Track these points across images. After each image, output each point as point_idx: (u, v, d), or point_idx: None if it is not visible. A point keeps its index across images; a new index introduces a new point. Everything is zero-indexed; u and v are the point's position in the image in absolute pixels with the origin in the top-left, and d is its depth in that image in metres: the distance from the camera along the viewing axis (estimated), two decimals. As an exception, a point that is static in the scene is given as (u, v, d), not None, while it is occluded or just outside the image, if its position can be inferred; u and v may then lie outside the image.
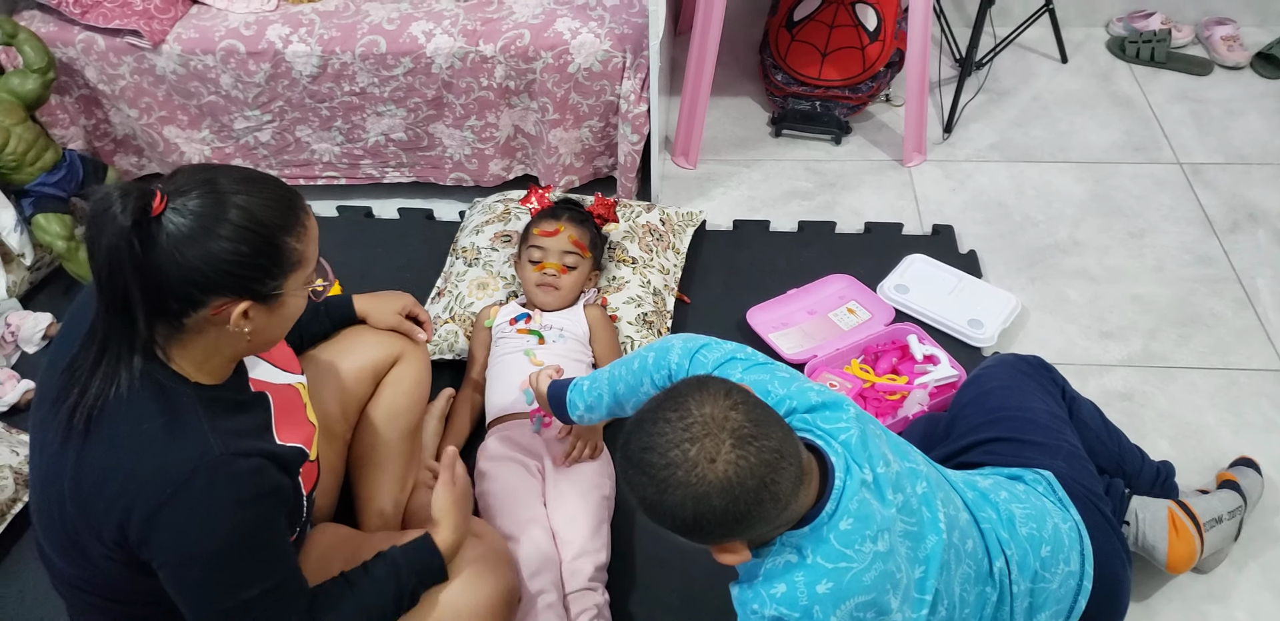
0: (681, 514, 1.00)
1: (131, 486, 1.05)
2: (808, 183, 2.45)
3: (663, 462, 0.99)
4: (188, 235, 1.02)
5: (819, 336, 2.00)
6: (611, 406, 1.44)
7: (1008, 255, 2.22)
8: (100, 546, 1.09)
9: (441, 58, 2.09)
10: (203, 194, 1.04)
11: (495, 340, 1.87)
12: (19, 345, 2.09)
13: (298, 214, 1.10)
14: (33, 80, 2.06)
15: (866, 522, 1.09)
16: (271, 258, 1.08)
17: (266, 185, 1.09)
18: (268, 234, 1.06)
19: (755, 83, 2.75)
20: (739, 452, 0.98)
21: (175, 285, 1.04)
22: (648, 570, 1.65)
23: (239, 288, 1.07)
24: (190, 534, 1.06)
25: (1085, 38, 2.86)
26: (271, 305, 1.11)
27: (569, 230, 1.88)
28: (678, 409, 1.01)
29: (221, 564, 1.08)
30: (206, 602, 1.11)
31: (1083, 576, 1.31)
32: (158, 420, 1.08)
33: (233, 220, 1.04)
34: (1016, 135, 2.56)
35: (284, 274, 1.10)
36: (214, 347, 1.13)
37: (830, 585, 1.06)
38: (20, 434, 1.88)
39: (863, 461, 1.13)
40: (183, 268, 1.03)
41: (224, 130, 2.29)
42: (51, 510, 1.13)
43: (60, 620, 1.61)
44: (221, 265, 1.04)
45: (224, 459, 1.07)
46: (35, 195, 2.06)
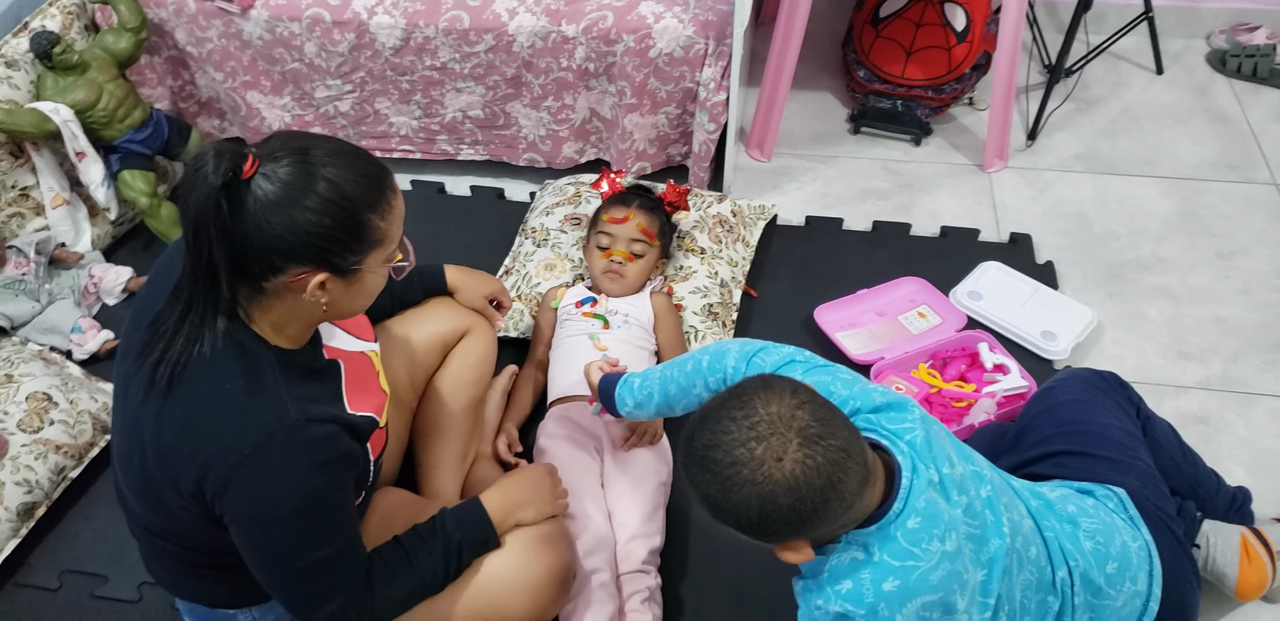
0: (746, 512, 1.00)
1: (210, 445, 1.08)
2: (884, 182, 2.41)
3: (728, 461, 0.99)
4: (274, 201, 1.03)
5: (887, 338, 1.97)
6: (660, 406, 1.43)
7: (1086, 268, 2.16)
8: (177, 497, 1.12)
9: (523, 36, 2.09)
10: (294, 162, 1.04)
11: (560, 322, 1.86)
12: (100, 296, 2.14)
13: (385, 192, 1.10)
14: (126, 38, 2.10)
15: (934, 522, 1.07)
16: (353, 233, 1.08)
17: (358, 160, 1.08)
18: (352, 209, 1.06)
19: (835, 78, 2.71)
20: (806, 452, 0.98)
21: (258, 249, 1.05)
22: (700, 557, 1.64)
23: (318, 259, 1.07)
24: (263, 495, 1.08)
25: (1184, 49, 2.77)
26: (349, 279, 1.12)
27: (638, 218, 1.86)
28: (743, 407, 1.01)
29: (290, 525, 1.11)
30: (273, 562, 1.14)
31: (1149, 597, 1.27)
32: (238, 381, 1.09)
33: (319, 192, 1.04)
34: (1103, 146, 2.49)
35: (364, 250, 1.10)
36: (292, 313, 1.14)
37: (897, 583, 1.05)
38: (99, 381, 1.93)
39: (928, 461, 1.11)
40: (266, 233, 1.03)
41: (305, 98, 2.31)
42: (132, 458, 1.16)
43: (132, 560, 1.65)
44: (303, 235, 1.04)
45: (300, 424, 1.09)
46: (123, 151, 2.10)
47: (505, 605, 1.32)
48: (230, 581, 1.26)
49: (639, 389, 1.45)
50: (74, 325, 2.00)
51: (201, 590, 1.32)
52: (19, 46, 2.05)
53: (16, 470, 1.69)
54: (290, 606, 1.19)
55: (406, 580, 1.24)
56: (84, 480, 1.80)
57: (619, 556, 1.54)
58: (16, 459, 1.70)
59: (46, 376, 1.83)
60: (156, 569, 1.33)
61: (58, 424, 1.76)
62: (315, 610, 1.16)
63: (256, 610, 1.33)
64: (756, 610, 1.57)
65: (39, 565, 1.70)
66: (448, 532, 1.28)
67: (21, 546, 1.69)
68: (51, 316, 2.02)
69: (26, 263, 2.03)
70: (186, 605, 1.37)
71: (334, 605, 1.16)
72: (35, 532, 1.72)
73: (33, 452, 1.71)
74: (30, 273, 2.02)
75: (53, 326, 2.01)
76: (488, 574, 1.31)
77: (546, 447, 1.69)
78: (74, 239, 2.16)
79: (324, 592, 1.16)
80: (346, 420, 1.17)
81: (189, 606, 1.36)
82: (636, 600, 1.50)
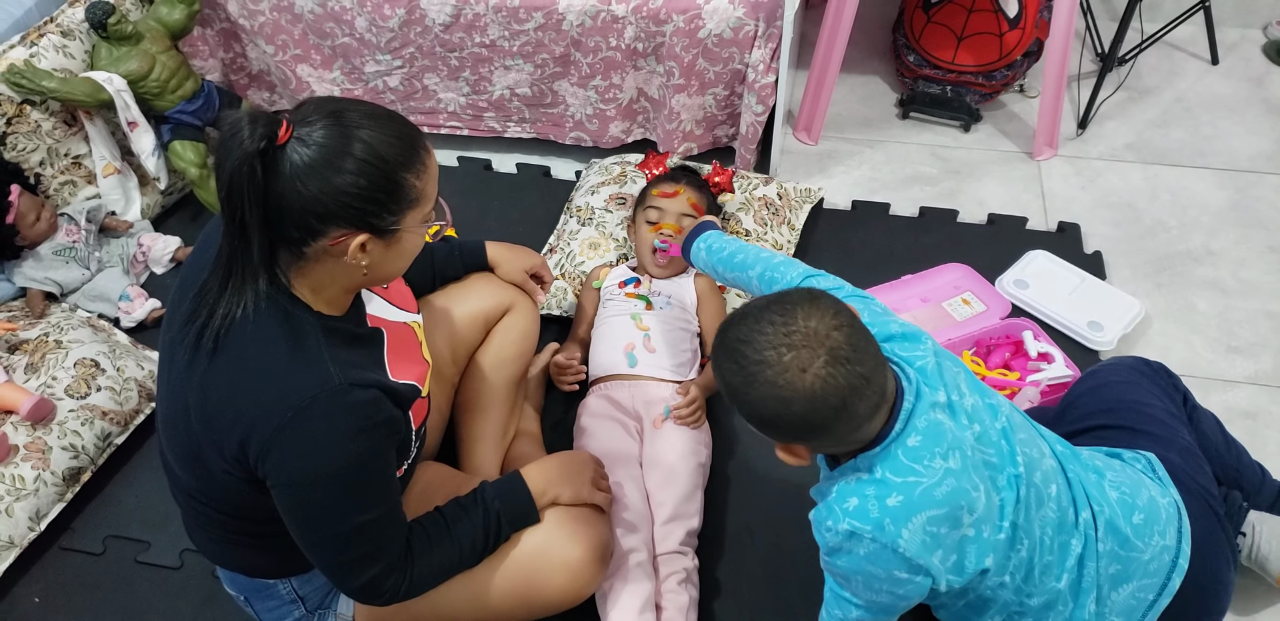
0: (760, 409, 1.05)
1: (254, 408, 1.08)
2: (932, 168, 2.38)
3: (756, 358, 1.03)
4: (310, 165, 1.03)
5: (930, 324, 1.95)
6: (716, 265, 1.56)
7: (1135, 259, 2.13)
8: (221, 461, 1.12)
9: (573, 15, 2.08)
10: (328, 125, 1.04)
11: (603, 301, 1.86)
12: (149, 265, 2.16)
13: (419, 152, 1.10)
14: (179, 10, 2.11)
15: (936, 440, 1.10)
16: (390, 193, 1.08)
17: (391, 121, 1.09)
18: (388, 169, 1.06)
19: (885, 62, 2.68)
20: (830, 370, 1.02)
21: (296, 213, 1.05)
22: (737, 539, 1.64)
23: (357, 220, 1.07)
24: (305, 458, 1.08)
25: (1240, 39, 2.72)
26: (389, 240, 1.12)
27: (688, 193, 1.86)
28: (784, 314, 1.04)
29: (332, 489, 1.11)
30: (313, 526, 1.14)
31: (1178, 554, 1.26)
32: (282, 344, 1.10)
33: (355, 154, 1.04)
34: (1155, 136, 2.45)
35: (402, 210, 1.10)
36: (332, 277, 1.14)
37: (900, 498, 1.08)
38: (146, 349, 1.95)
39: (936, 386, 1.15)
40: (304, 197, 1.04)
41: (355, 73, 2.32)
42: (177, 423, 1.17)
43: (174, 528, 1.69)
44: (341, 197, 1.04)
45: (343, 388, 1.09)
46: (174, 122, 2.12)
47: (543, 583, 1.32)
48: (271, 550, 1.27)
49: (716, 243, 1.57)
50: (122, 293, 2.03)
51: (242, 558, 1.33)
52: (75, 16, 2.07)
53: (64, 435, 1.71)
54: (330, 572, 1.20)
55: (445, 549, 1.25)
56: (129, 447, 1.82)
57: (657, 536, 1.54)
58: (64, 424, 1.72)
59: (95, 343, 1.85)
60: (199, 536, 1.34)
61: (104, 390, 1.78)
62: (355, 576, 1.17)
63: (296, 580, 1.34)
64: (792, 590, 1.57)
65: (83, 530, 1.72)
66: (488, 504, 1.29)
67: (67, 511, 1.71)
68: (100, 284, 2.04)
69: (77, 230, 2.05)
70: (227, 574, 1.38)
71: (374, 570, 1.17)
72: (80, 498, 1.75)
73: (79, 418, 1.74)
74: (81, 240, 2.05)
75: (101, 294, 2.03)
76: (526, 551, 1.31)
77: (587, 427, 1.69)
78: (124, 208, 2.18)
79: (364, 558, 1.16)
80: (389, 386, 1.17)
81: (229, 575, 1.38)
82: (674, 581, 1.50)
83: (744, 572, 1.60)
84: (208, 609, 1.61)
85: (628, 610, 1.43)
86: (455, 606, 1.32)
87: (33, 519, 1.66)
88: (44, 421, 1.71)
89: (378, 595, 1.20)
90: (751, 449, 1.77)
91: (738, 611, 1.56)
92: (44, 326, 1.90)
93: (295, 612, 1.37)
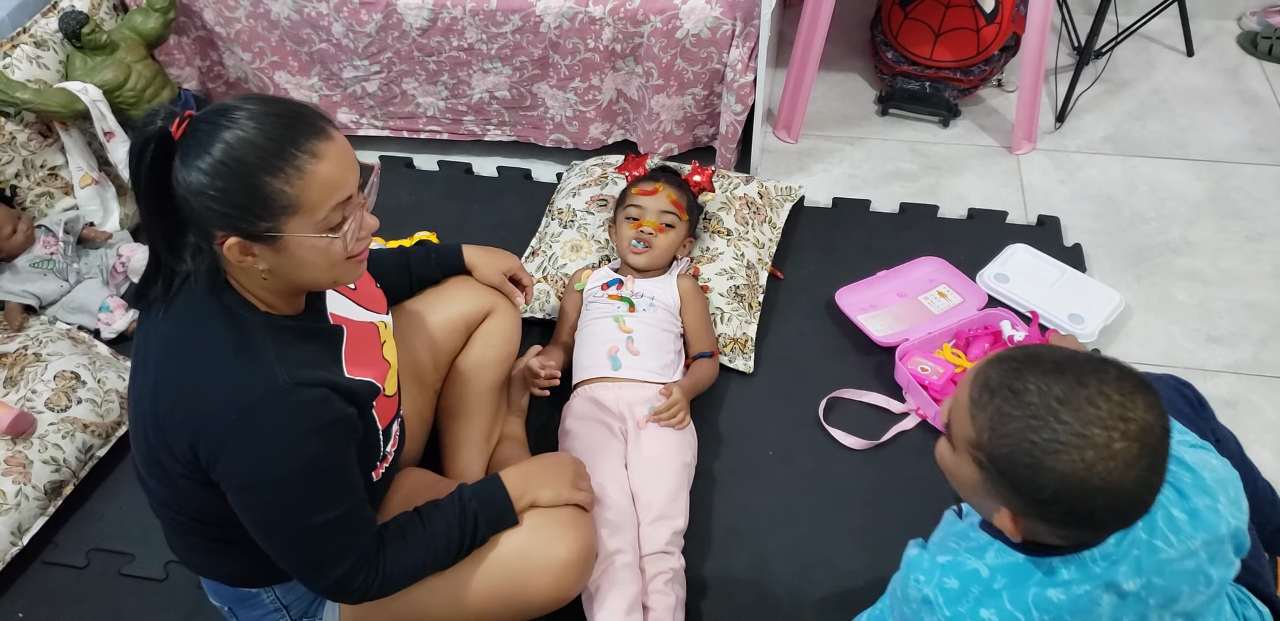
0: (1044, 480, 0.90)
1: (200, 410, 1.08)
2: (912, 164, 2.39)
3: (1078, 431, 0.88)
4: (187, 163, 1.01)
5: (909, 319, 1.96)
6: None
7: (1114, 251, 2.14)
8: (177, 465, 1.12)
9: (550, 17, 2.08)
10: (207, 123, 1.02)
11: (586, 304, 1.86)
12: (128, 276, 2.14)
13: (289, 155, 1.02)
14: (154, 19, 2.10)
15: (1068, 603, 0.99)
16: (252, 198, 1.02)
17: (274, 122, 1.02)
18: (245, 173, 1.01)
19: (863, 59, 2.69)
20: (1150, 477, 0.90)
21: (185, 212, 1.05)
22: (722, 540, 1.65)
23: (224, 223, 1.04)
24: (255, 460, 1.08)
25: (1214, 31, 2.74)
26: (274, 246, 1.06)
27: (668, 190, 1.87)
28: (1123, 395, 0.89)
29: (285, 491, 1.10)
30: (272, 528, 1.14)
31: None
32: (228, 346, 1.10)
33: (213, 154, 1.00)
34: (1132, 128, 2.46)
35: (274, 216, 1.04)
36: (250, 279, 1.12)
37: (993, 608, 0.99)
38: (126, 360, 1.94)
39: None
40: (181, 196, 1.03)
41: (333, 78, 2.31)
42: (140, 429, 1.17)
43: (158, 539, 1.66)
44: (201, 198, 1.02)
45: (289, 388, 1.08)
46: (149, 131, 2.10)
47: (527, 585, 1.32)
48: (248, 557, 1.26)
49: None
50: (102, 304, 2.02)
51: (221, 566, 1.32)
52: (48, 26, 2.06)
53: (44, 448, 1.70)
54: (298, 574, 1.19)
55: (419, 548, 1.24)
56: (111, 459, 1.81)
57: (643, 537, 1.54)
58: (44, 437, 1.71)
59: (74, 355, 1.84)
60: (178, 545, 1.33)
61: (85, 402, 1.77)
62: (322, 576, 1.16)
63: (279, 588, 1.33)
64: (779, 591, 1.58)
65: (66, 543, 1.71)
66: (465, 504, 1.29)
67: (49, 525, 1.70)
68: (80, 295, 2.03)
69: (55, 242, 2.04)
70: (211, 584, 1.37)
71: (340, 570, 1.16)
72: (62, 511, 1.73)
73: (60, 431, 1.72)
74: (59, 252, 2.03)
75: (81, 305, 2.02)
76: (510, 554, 1.31)
77: (571, 429, 1.69)
78: (102, 218, 2.17)
79: (329, 557, 1.16)
80: (340, 383, 1.15)
81: (213, 585, 1.37)
82: (660, 581, 1.50)
83: (730, 573, 1.60)
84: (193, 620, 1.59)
85: (614, 611, 1.43)
86: (438, 608, 1.32)
87: (14, 533, 1.64)
88: (24, 435, 1.70)
89: (348, 593, 1.20)
90: (737, 449, 1.77)
91: (724, 611, 1.56)
92: (23, 339, 1.88)
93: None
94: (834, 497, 1.70)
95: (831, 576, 1.59)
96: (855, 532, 1.65)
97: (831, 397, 1.85)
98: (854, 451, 1.77)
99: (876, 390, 1.85)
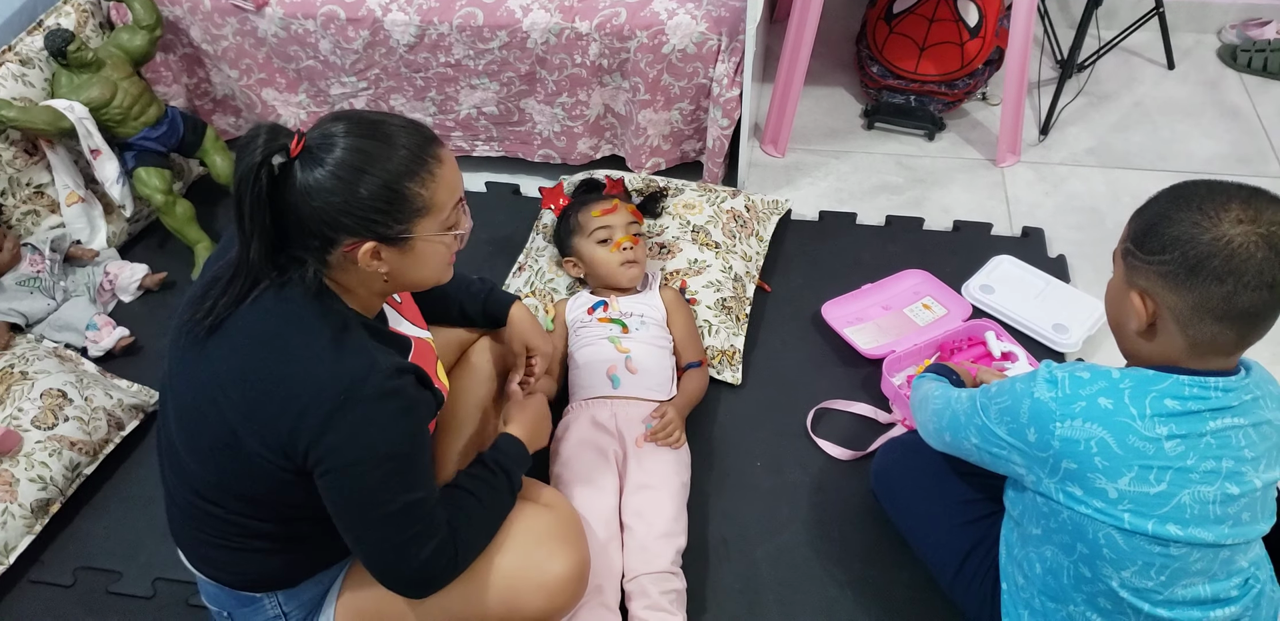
0: (1169, 239, 1.08)
1: (304, 392, 1.12)
2: (897, 177, 2.41)
3: (1212, 207, 1.06)
4: (315, 178, 1.08)
5: (895, 331, 1.97)
6: None
7: (1099, 262, 2.16)
8: (263, 451, 1.14)
9: (537, 33, 2.09)
10: (333, 137, 1.09)
11: (575, 330, 1.84)
12: (116, 293, 2.14)
13: (424, 159, 1.12)
14: (140, 36, 2.10)
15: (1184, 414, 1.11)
16: (392, 202, 1.11)
17: (399, 131, 1.12)
18: (388, 179, 1.10)
19: (849, 73, 2.71)
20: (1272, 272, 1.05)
21: (310, 224, 1.11)
22: (711, 549, 1.65)
23: (363, 229, 1.12)
24: (360, 438, 1.12)
25: (1195, 44, 2.77)
26: (402, 247, 1.16)
27: (622, 203, 1.90)
28: (1257, 207, 1.06)
29: (386, 468, 1.14)
30: (367, 507, 1.15)
31: None
32: (326, 335, 1.15)
33: (351, 163, 1.08)
34: (1115, 141, 2.49)
35: (409, 218, 1.13)
36: (360, 281, 1.20)
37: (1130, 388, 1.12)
38: (114, 378, 1.93)
39: None
40: (312, 208, 1.09)
41: (320, 95, 2.32)
42: (206, 415, 1.17)
43: (145, 557, 1.69)
44: (344, 207, 1.09)
45: (390, 370, 1.14)
46: (138, 149, 2.10)
47: (522, 602, 1.31)
48: (274, 556, 1.26)
49: None
50: (89, 322, 2.01)
51: (237, 565, 1.30)
52: (34, 44, 2.06)
53: (31, 466, 1.69)
54: (383, 560, 1.18)
55: (479, 520, 1.27)
56: (98, 477, 1.80)
57: (646, 556, 1.53)
58: (31, 455, 1.70)
59: (61, 373, 1.84)
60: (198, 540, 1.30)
61: (72, 421, 1.76)
62: (408, 560, 1.17)
63: (282, 594, 1.33)
64: (768, 601, 1.58)
65: (53, 562, 1.70)
66: (504, 468, 1.33)
67: (35, 543, 1.69)
68: (67, 313, 2.02)
69: (42, 260, 2.03)
70: (212, 588, 1.35)
71: (425, 551, 1.17)
72: (49, 529, 1.72)
73: (47, 449, 1.72)
74: (45, 270, 2.03)
75: (68, 323, 2.01)
76: (506, 571, 1.30)
77: (563, 453, 1.66)
78: (89, 236, 2.17)
79: (415, 539, 1.17)
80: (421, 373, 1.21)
81: (214, 590, 1.35)
82: (665, 601, 1.49)
83: (719, 582, 1.61)
84: (181, 638, 1.59)
85: None
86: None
87: (1, 552, 1.63)
88: (10, 453, 1.69)
89: (430, 579, 1.21)
90: (726, 460, 1.78)
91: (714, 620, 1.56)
92: (9, 357, 1.88)
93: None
94: (822, 508, 1.70)
95: (820, 586, 1.60)
96: (843, 542, 1.65)
97: (819, 409, 1.85)
98: (841, 462, 1.77)
99: (863, 401, 1.86)
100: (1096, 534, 1.14)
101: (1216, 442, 1.11)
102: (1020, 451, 1.18)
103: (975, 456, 1.29)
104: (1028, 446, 1.17)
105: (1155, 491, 1.10)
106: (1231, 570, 1.17)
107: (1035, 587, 1.26)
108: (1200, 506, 1.11)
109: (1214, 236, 1.05)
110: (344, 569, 1.37)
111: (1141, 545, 1.12)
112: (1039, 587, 1.26)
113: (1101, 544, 1.14)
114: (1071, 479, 1.14)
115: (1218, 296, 1.07)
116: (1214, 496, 1.11)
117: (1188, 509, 1.11)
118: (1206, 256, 1.06)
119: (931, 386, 1.45)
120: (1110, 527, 1.12)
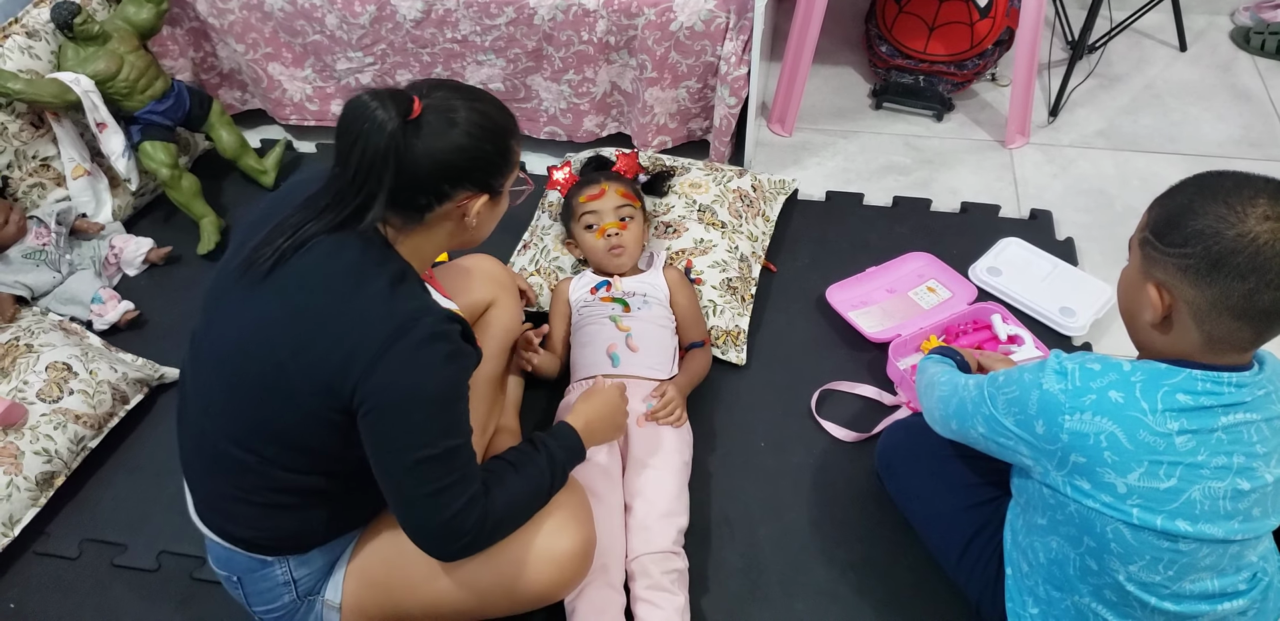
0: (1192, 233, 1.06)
1: (359, 327, 1.14)
2: (905, 158, 2.40)
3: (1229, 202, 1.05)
4: (445, 135, 1.15)
5: (899, 315, 1.97)
6: None
7: (1106, 245, 2.15)
8: (309, 391, 1.15)
9: (544, 9, 2.08)
10: (450, 100, 1.17)
11: (578, 309, 1.84)
12: (121, 267, 2.14)
13: (516, 120, 1.26)
14: (147, 9, 2.09)
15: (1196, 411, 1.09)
16: (504, 155, 1.22)
17: (490, 96, 1.23)
18: (503, 134, 1.21)
19: (858, 53, 2.69)
20: None
21: (427, 180, 1.17)
22: (714, 530, 1.65)
23: (481, 182, 1.21)
24: (408, 376, 1.13)
25: (1207, 26, 2.75)
26: (496, 200, 1.26)
27: (613, 186, 1.87)
28: None
29: (430, 409, 1.15)
30: (408, 448, 1.15)
31: None
32: (384, 280, 1.18)
33: (479, 122, 1.17)
34: (1125, 123, 2.47)
35: (508, 171, 1.25)
36: (432, 241, 1.26)
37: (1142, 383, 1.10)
38: (119, 352, 1.93)
39: None
40: (439, 164, 1.16)
41: (326, 70, 2.31)
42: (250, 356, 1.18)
43: (151, 530, 1.70)
44: (471, 161, 1.18)
45: (444, 314, 1.18)
46: (143, 123, 2.10)
47: (530, 576, 1.32)
48: (294, 514, 1.27)
49: None
50: (95, 295, 2.01)
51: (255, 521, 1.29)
52: (40, 16, 2.05)
53: (36, 439, 1.70)
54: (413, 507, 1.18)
55: (518, 490, 1.28)
56: (103, 450, 1.81)
57: (648, 536, 1.53)
58: (36, 428, 1.71)
59: (66, 346, 1.84)
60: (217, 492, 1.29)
61: (77, 394, 1.77)
62: (439, 509, 1.17)
63: (294, 560, 1.33)
64: (770, 580, 1.59)
65: (58, 534, 1.71)
66: (551, 452, 1.35)
67: (41, 516, 1.70)
68: (72, 287, 2.03)
69: (47, 233, 2.03)
70: (223, 552, 1.34)
71: (458, 504, 1.17)
72: (54, 502, 1.73)
73: (52, 422, 1.72)
74: (51, 243, 2.03)
75: (73, 297, 2.02)
76: (514, 545, 1.31)
77: None
78: (95, 210, 2.16)
79: (451, 487, 1.17)
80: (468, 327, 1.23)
81: (226, 554, 1.34)
82: (667, 581, 1.49)
83: (722, 563, 1.61)
84: (185, 610, 1.60)
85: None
86: (441, 598, 1.32)
87: (6, 525, 1.65)
88: (16, 426, 1.70)
89: (457, 535, 1.20)
90: (729, 441, 1.78)
91: (716, 601, 1.57)
92: (14, 330, 1.88)
93: (285, 596, 1.35)
94: (825, 489, 1.70)
95: (822, 567, 1.60)
96: (846, 523, 1.65)
97: (823, 390, 1.85)
98: (845, 443, 1.77)
99: (868, 383, 1.86)
100: (1104, 528, 1.13)
101: (1228, 438, 1.09)
102: (1027, 443, 1.17)
103: (982, 445, 1.28)
104: (1035, 438, 1.16)
105: (1165, 487, 1.09)
106: (1240, 565, 1.16)
107: (1040, 575, 1.26)
108: (1210, 502, 1.10)
109: (1239, 232, 1.03)
110: (354, 540, 1.37)
111: (1150, 540, 1.11)
112: (1043, 576, 1.25)
113: (1109, 538, 1.13)
114: (1080, 472, 1.12)
115: (1238, 293, 1.05)
116: (1224, 492, 1.10)
117: (1198, 504, 1.09)
118: (1230, 252, 1.04)
119: (937, 370, 1.44)
120: (1119, 522, 1.11)
